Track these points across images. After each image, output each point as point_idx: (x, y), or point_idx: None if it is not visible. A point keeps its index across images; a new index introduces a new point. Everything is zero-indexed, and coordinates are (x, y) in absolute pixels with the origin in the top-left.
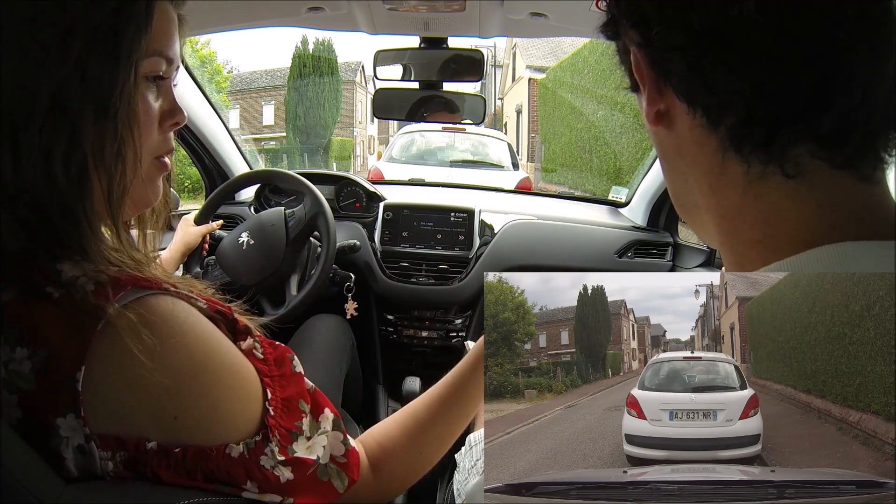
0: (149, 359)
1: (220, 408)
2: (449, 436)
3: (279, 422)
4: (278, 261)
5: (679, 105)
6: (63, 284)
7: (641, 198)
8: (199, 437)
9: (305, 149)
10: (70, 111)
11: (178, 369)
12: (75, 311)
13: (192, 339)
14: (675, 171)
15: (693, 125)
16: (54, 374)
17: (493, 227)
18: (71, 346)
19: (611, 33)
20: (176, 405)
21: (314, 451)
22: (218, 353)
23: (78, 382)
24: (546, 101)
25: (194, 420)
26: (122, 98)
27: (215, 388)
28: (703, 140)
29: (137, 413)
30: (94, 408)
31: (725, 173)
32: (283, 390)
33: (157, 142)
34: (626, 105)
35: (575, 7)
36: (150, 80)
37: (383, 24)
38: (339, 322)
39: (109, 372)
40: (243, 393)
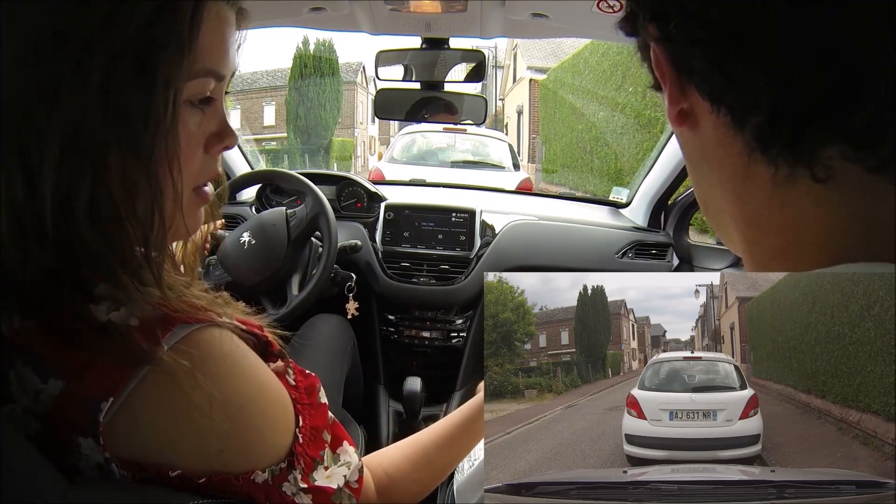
0: (200, 393)
1: (263, 440)
2: (452, 466)
3: (306, 450)
4: (279, 261)
5: (702, 104)
6: (96, 321)
7: (642, 198)
8: (235, 465)
9: (306, 149)
10: (90, 149)
11: (229, 402)
12: (113, 347)
13: (241, 371)
14: (700, 175)
15: (717, 125)
16: (73, 401)
17: (494, 227)
18: (102, 380)
19: (630, 28)
20: (223, 440)
21: (334, 481)
22: (265, 386)
23: (101, 413)
24: (547, 101)
25: (239, 450)
26: (157, 133)
27: (262, 421)
28: (729, 141)
29: (176, 447)
30: (117, 437)
31: (751, 177)
32: (313, 419)
33: (199, 169)
34: (627, 106)
35: (576, 8)
36: (195, 105)
37: (385, 25)
38: (340, 322)
39: (151, 409)
40: (283, 424)
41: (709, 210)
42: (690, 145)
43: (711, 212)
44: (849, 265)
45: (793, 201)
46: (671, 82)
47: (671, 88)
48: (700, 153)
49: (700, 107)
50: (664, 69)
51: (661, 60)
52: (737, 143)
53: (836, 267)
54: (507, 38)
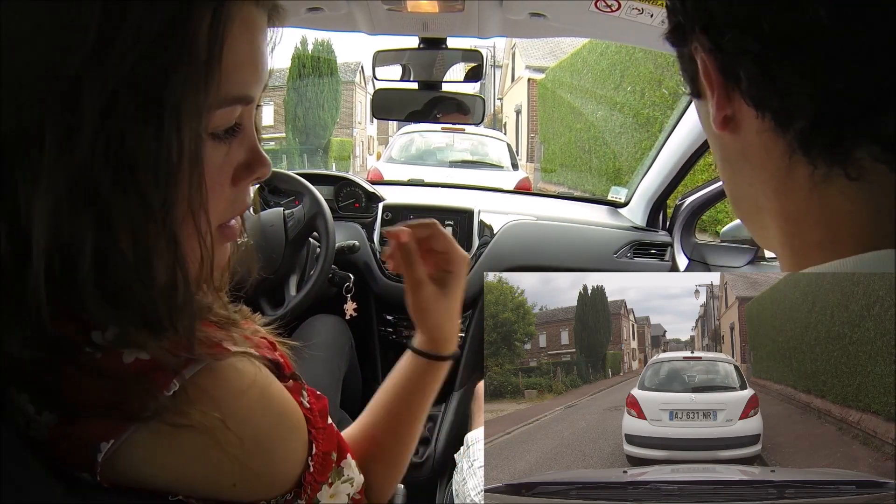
0: (217, 429)
1: (278, 472)
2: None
3: (315, 477)
4: (277, 261)
5: (747, 109)
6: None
7: (641, 198)
8: (244, 497)
9: (305, 149)
10: (93, 196)
11: (247, 437)
12: (119, 387)
13: (261, 405)
14: (738, 175)
15: (761, 129)
16: (68, 440)
17: (492, 227)
18: (96, 424)
19: (677, 40)
20: (237, 475)
21: (338, 498)
22: (284, 415)
23: (100, 453)
24: (545, 101)
25: (251, 485)
26: (171, 185)
27: (280, 453)
28: (771, 143)
29: (188, 482)
30: (117, 472)
31: (791, 176)
32: (324, 444)
33: (226, 208)
34: (626, 105)
35: (574, 7)
36: (219, 137)
37: (382, 25)
38: (339, 322)
39: (163, 446)
40: (299, 454)
41: (742, 207)
42: (730, 148)
43: (745, 209)
44: (877, 252)
45: (829, 198)
46: (719, 90)
47: (719, 95)
48: (741, 155)
49: (743, 112)
50: (712, 78)
51: (709, 69)
52: (779, 145)
53: (842, 260)
54: (505, 38)
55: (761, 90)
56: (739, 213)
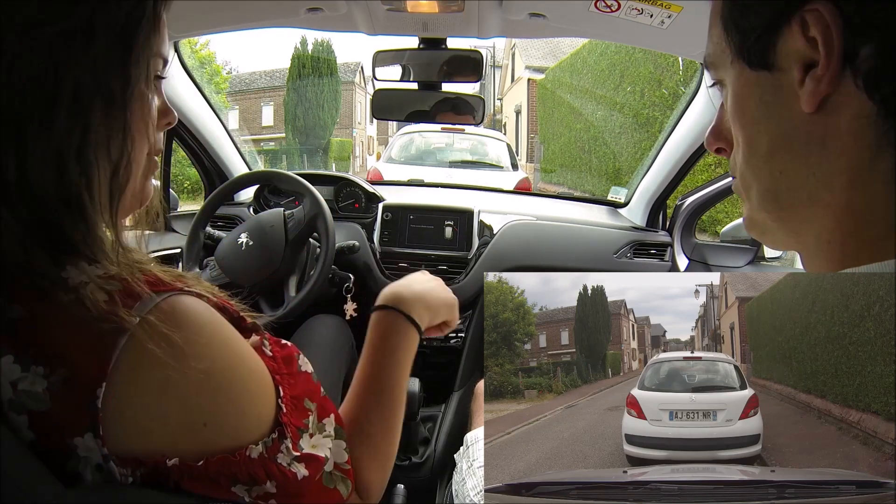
0: (179, 361)
1: (245, 411)
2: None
3: (290, 419)
4: (277, 262)
5: (854, 91)
6: (71, 291)
7: (640, 198)
8: (226, 442)
9: (304, 149)
10: (84, 108)
11: (209, 371)
12: (92, 324)
13: (218, 340)
14: (798, 163)
15: (861, 114)
16: (72, 394)
17: (492, 227)
18: (91, 363)
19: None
20: (205, 411)
21: (321, 450)
22: (241, 354)
23: (98, 399)
24: (545, 101)
25: (223, 424)
26: (133, 95)
27: (242, 391)
28: (864, 130)
29: (165, 425)
30: (114, 425)
31: (871, 168)
32: (293, 388)
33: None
34: (625, 105)
35: (574, 7)
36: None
37: (382, 25)
38: (339, 323)
39: (135, 385)
40: (264, 393)
41: (786, 200)
42: (805, 132)
43: (790, 201)
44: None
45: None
46: (836, 64)
47: (834, 70)
48: (819, 140)
49: (849, 93)
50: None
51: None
52: (872, 133)
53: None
54: (504, 38)
55: (881, 71)
56: (776, 206)
